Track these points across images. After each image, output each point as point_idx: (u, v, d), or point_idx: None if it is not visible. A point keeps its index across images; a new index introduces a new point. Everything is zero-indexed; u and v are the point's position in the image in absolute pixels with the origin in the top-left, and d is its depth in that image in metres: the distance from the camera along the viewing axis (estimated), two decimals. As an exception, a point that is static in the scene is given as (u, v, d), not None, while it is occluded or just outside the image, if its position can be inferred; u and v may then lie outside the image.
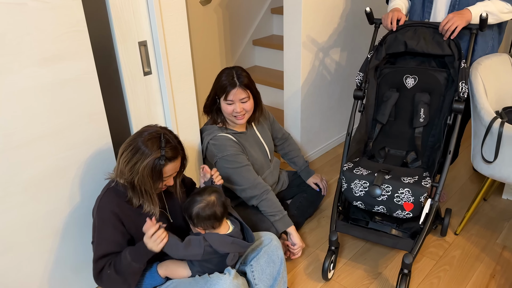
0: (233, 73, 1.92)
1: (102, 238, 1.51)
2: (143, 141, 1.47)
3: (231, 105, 1.92)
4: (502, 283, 1.92)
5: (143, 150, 1.46)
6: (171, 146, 1.50)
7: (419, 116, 2.01)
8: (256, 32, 3.62)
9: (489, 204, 2.46)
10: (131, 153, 1.47)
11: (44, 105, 1.53)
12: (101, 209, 1.52)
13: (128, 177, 1.48)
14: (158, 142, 1.48)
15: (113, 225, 1.51)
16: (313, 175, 2.38)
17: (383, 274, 1.99)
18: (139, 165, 1.45)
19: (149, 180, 1.48)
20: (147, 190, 1.51)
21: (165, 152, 1.47)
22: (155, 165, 1.46)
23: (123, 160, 1.48)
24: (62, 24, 1.49)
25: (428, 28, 1.97)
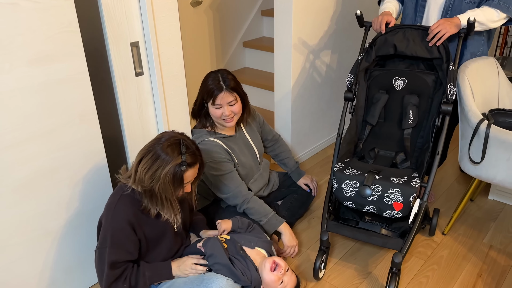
0: (218, 77, 1.92)
1: (117, 246, 1.49)
2: (162, 147, 1.45)
3: (219, 109, 1.93)
4: (488, 281, 1.95)
5: (163, 157, 1.44)
6: (191, 152, 1.49)
7: (408, 117, 2.04)
8: (246, 34, 3.63)
9: (476, 205, 2.50)
10: (151, 160, 1.45)
11: (35, 106, 1.52)
12: (116, 217, 1.50)
13: (148, 185, 1.46)
14: (178, 148, 1.47)
15: (127, 235, 1.51)
16: (303, 176, 2.40)
17: (373, 273, 2.02)
18: (160, 172, 1.44)
19: (171, 187, 1.47)
20: (167, 198, 1.50)
21: (185, 158, 1.46)
22: (176, 171, 1.45)
23: (143, 168, 1.46)
24: (54, 25, 1.49)
25: (417, 30, 2.01)
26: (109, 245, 1.49)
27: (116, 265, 1.51)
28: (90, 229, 1.85)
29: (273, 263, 1.62)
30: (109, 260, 1.49)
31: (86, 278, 1.91)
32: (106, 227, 1.51)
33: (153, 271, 1.54)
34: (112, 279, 1.50)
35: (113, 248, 1.49)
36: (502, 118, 2.04)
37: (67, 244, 1.78)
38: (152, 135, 1.95)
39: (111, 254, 1.49)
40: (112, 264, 1.50)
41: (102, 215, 1.56)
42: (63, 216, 1.73)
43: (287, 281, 1.64)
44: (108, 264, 1.49)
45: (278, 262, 1.63)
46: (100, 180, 1.81)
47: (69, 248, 1.79)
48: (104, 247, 1.51)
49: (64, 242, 1.77)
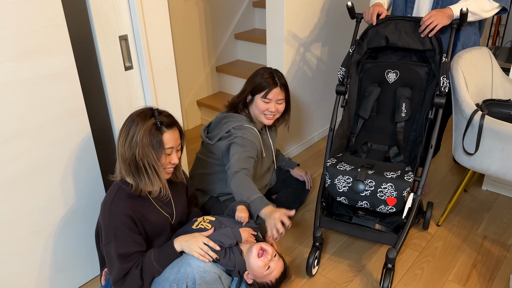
0: (273, 73, 2.00)
1: (121, 239, 1.48)
2: (133, 118, 1.47)
3: (267, 103, 1.98)
4: (483, 272, 1.96)
5: (136, 122, 1.45)
6: (165, 114, 1.50)
7: (400, 111, 2.02)
8: (238, 26, 3.59)
9: (470, 195, 2.50)
10: (126, 130, 1.46)
11: (22, 102, 1.48)
12: (113, 213, 1.48)
13: (129, 156, 1.45)
14: (150, 112, 1.48)
15: (129, 227, 1.49)
16: (298, 168, 2.39)
17: (367, 266, 2.01)
18: (136, 136, 1.43)
19: (151, 150, 1.45)
20: (150, 164, 1.47)
21: (160, 119, 1.46)
22: (152, 132, 1.44)
23: (121, 142, 1.47)
24: (40, 18, 1.45)
25: (409, 22, 1.98)
26: (113, 239, 1.47)
27: (127, 258, 1.48)
28: (81, 226, 1.82)
29: (260, 249, 1.60)
30: (117, 253, 1.46)
31: (78, 276, 1.89)
32: (107, 223, 1.48)
33: (159, 253, 1.52)
34: (124, 272, 1.48)
35: (118, 241, 1.47)
36: (495, 109, 2.03)
37: (59, 242, 1.76)
38: (143, 130, 1.92)
39: (118, 247, 1.47)
40: (121, 257, 1.47)
41: (100, 215, 1.53)
42: (54, 213, 1.70)
43: (274, 267, 1.62)
44: (117, 257, 1.46)
45: (265, 248, 1.61)
46: (91, 176, 1.78)
47: (60, 246, 1.77)
48: (109, 242, 1.48)
49: (56, 240, 1.74)
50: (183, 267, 1.50)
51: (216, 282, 1.53)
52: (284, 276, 1.68)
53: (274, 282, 1.63)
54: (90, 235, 1.86)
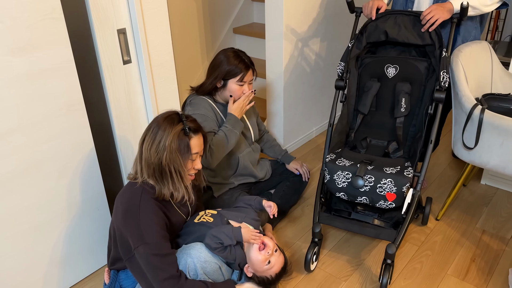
0: (241, 56, 2.00)
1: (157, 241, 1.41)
2: (159, 122, 1.44)
3: (241, 86, 2.00)
4: (482, 266, 1.96)
5: (164, 127, 1.42)
6: (191, 120, 1.48)
7: (400, 106, 2.01)
8: (236, 20, 3.57)
9: (469, 190, 2.50)
10: (152, 134, 1.43)
11: (20, 96, 1.47)
12: (145, 213, 1.43)
13: (155, 160, 1.42)
14: (177, 117, 1.46)
15: (162, 227, 1.46)
16: (293, 161, 2.39)
17: (366, 261, 2.01)
18: (164, 141, 1.41)
19: (178, 156, 1.43)
20: (176, 169, 1.44)
21: (188, 124, 1.44)
22: (181, 137, 1.42)
23: (147, 147, 1.43)
24: (37, 11, 1.43)
25: (408, 16, 1.97)
26: (147, 240, 1.40)
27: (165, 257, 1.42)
28: (80, 222, 1.81)
29: (261, 242, 1.60)
30: (154, 253, 1.39)
31: (77, 271, 1.89)
32: (138, 225, 1.40)
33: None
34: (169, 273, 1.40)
35: (153, 243, 1.40)
36: (495, 103, 2.03)
37: (57, 238, 1.75)
38: (141, 125, 1.91)
39: (155, 247, 1.40)
40: (161, 257, 1.40)
41: (126, 219, 1.44)
42: (52, 209, 1.69)
43: (274, 261, 1.62)
44: (156, 256, 1.39)
45: (267, 242, 1.61)
46: (90, 171, 1.77)
47: (59, 241, 1.76)
48: (142, 243, 1.40)
49: (54, 235, 1.74)
50: (183, 258, 1.50)
51: (217, 273, 1.53)
52: (284, 271, 1.68)
53: (273, 277, 1.63)
54: (88, 230, 1.86)
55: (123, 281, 1.60)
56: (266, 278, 1.62)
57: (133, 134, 1.90)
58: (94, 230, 1.88)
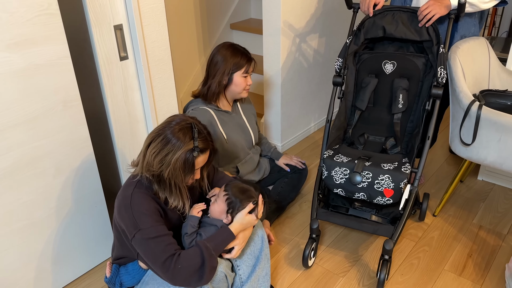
0: (240, 49, 1.99)
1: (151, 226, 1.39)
2: (173, 131, 1.38)
3: (245, 78, 1.99)
4: (478, 261, 1.97)
5: (174, 142, 1.37)
6: (203, 137, 1.43)
7: (398, 102, 2.01)
8: (233, 16, 3.56)
9: (466, 185, 2.51)
10: (161, 144, 1.38)
11: (16, 92, 1.46)
12: (136, 202, 1.40)
13: (156, 170, 1.39)
14: (190, 132, 1.40)
15: (155, 213, 1.43)
16: (282, 156, 2.38)
17: (364, 257, 2.02)
18: (171, 157, 1.37)
19: (181, 173, 1.40)
20: (177, 184, 1.43)
21: (198, 143, 1.40)
22: (188, 157, 1.39)
23: (152, 152, 1.39)
24: (33, 7, 1.42)
25: (406, 12, 1.96)
26: (141, 226, 1.38)
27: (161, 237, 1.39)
28: (77, 218, 1.81)
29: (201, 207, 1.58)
30: (150, 237, 1.37)
31: (75, 268, 1.88)
32: (130, 214, 1.39)
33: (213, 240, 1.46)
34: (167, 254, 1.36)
35: (148, 227, 1.38)
36: (492, 99, 2.03)
37: (55, 234, 1.75)
38: (138, 121, 1.90)
39: (150, 232, 1.38)
40: (155, 239, 1.38)
41: (120, 211, 1.43)
42: (49, 205, 1.69)
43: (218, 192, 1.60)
44: (152, 239, 1.37)
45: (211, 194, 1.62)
46: (86, 168, 1.77)
47: (56, 238, 1.76)
48: (138, 231, 1.38)
49: (51, 232, 1.73)
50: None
51: (222, 281, 1.52)
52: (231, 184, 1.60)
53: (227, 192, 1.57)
54: (86, 227, 1.85)
55: (122, 276, 1.60)
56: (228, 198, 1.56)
57: (130, 130, 1.89)
58: (91, 227, 1.88)
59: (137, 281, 1.59)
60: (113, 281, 1.59)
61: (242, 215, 1.54)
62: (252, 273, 1.65)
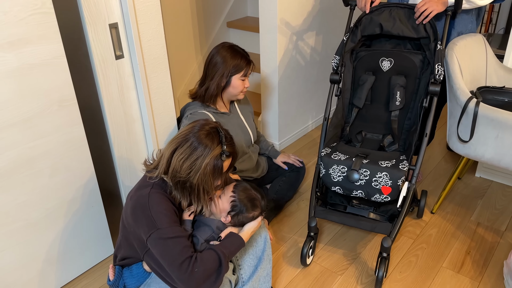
0: (241, 51, 1.98)
1: (170, 226, 1.37)
2: (200, 136, 1.38)
3: (243, 81, 1.99)
4: (477, 258, 1.97)
5: (203, 147, 1.37)
6: (229, 141, 1.43)
7: (395, 99, 2.01)
8: (230, 14, 3.55)
9: (463, 182, 2.51)
10: (189, 150, 1.37)
11: (11, 92, 1.45)
12: (154, 202, 1.39)
13: (184, 176, 1.38)
14: (217, 137, 1.40)
15: (172, 213, 1.42)
16: (280, 155, 2.38)
17: (362, 255, 2.02)
18: (201, 163, 1.36)
19: (210, 178, 1.40)
20: (205, 190, 1.41)
21: (225, 147, 1.40)
22: (217, 162, 1.38)
23: (179, 158, 1.37)
24: (27, 6, 1.41)
25: (403, 9, 1.96)
26: (160, 226, 1.36)
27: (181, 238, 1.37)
28: (74, 219, 1.80)
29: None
30: (169, 236, 1.35)
31: (72, 269, 1.87)
32: (149, 213, 1.37)
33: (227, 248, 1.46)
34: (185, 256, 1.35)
35: (166, 227, 1.36)
36: (490, 96, 2.03)
37: (51, 235, 1.74)
38: (135, 120, 1.89)
39: (169, 231, 1.36)
40: (175, 240, 1.36)
41: (135, 210, 1.41)
42: (45, 206, 1.68)
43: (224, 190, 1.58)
44: (171, 239, 1.35)
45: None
46: (83, 168, 1.76)
47: (53, 239, 1.75)
48: (155, 229, 1.36)
49: (48, 233, 1.72)
50: None
51: (226, 286, 1.52)
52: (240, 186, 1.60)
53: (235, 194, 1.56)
54: (83, 227, 1.84)
55: (126, 279, 1.59)
56: (233, 202, 1.55)
57: (127, 130, 1.88)
58: (88, 227, 1.87)
59: (140, 284, 1.58)
60: (117, 284, 1.58)
61: (253, 226, 1.56)
62: (254, 274, 1.64)
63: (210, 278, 1.39)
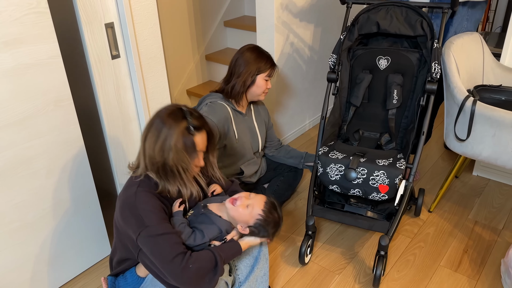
0: (265, 52, 2.03)
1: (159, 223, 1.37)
2: (163, 117, 1.38)
3: (267, 81, 2.03)
4: (474, 257, 1.97)
5: (168, 125, 1.36)
6: (195, 116, 1.42)
7: (392, 97, 2.01)
8: (227, 13, 3.54)
9: (461, 181, 2.51)
10: (156, 131, 1.37)
11: (6, 92, 1.44)
12: (141, 200, 1.38)
13: (160, 159, 1.38)
14: (180, 113, 1.40)
15: (161, 211, 1.41)
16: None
17: (360, 254, 2.02)
18: (170, 141, 1.36)
19: (185, 154, 1.39)
20: (185, 169, 1.41)
21: (191, 121, 1.39)
22: (186, 137, 1.37)
23: (150, 144, 1.38)
24: (22, 5, 1.40)
25: (400, 7, 1.96)
26: (148, 224, 1.35)
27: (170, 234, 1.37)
28: (71, 219, 1.79)
29: (232, 199, 1.55)
30: (158, 233, 1.35)
31: (68, 270, 1.87)
32: (136, 212, 1.37)
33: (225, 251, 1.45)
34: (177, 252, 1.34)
35: (155, 225, 1.36)
36: (486, 94, 2.03)
37: (48, 236, 1.73)
38: (131, 120, 1.89)
39: (157, 228, 1.36)
40: (164, 236, 1.35)
41: (123, 210, 1.41)
42: (41, 206, 1.67)
43: (253, 202, 1.56)
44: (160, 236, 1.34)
45: (235, 196, 1.56)
46: (79, 168, 1.75)
47: (50, 239, 1.74)
48: (143, 228, 1.35)
49: (44, 233, 1.71)
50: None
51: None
52: (270, 205, 1.59)
53: (263, 214, 1.56)
54: (79, 228, 1.84)
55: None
56: (259, 220, 1.55)
57: (123, 130, 1.87)
58: (85, 228, 1.86)
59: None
60: None
61: (254, 242, 1.56)
62: (250, 274, 1.63)
63: (204, 278, 1.38)
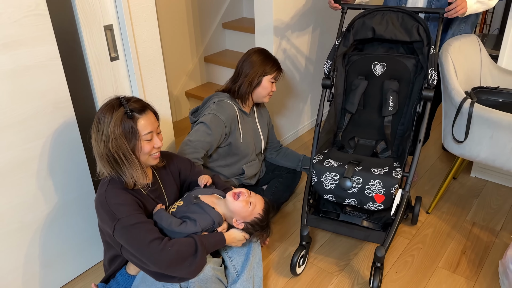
0: (271, 56, 2.07)
1: (130, 214, 1.39)
2: (102, 111, 1.42)
3: (272, 83, 2.06)
4: (472, 258, 1.98)
5: (105, 116, 1.40)
6: (134, 100, 1.44)
7: (388, 104, 1.97)
8: (225, 15, 3.55)
9: (459, 182, 2.52)
10: (96, 126, 1.42)
11: (5, 94, 1.44)
12: (111, 196, 1.42)
13: (104, 151, 1.40)
14: (117, 101, 1.42)
15: (132, 203, 1.43)
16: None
17: (358, 255, 2.02)
18: (107, 129, 1.38)
19: (124, 140, 1.40)
20: (125, 155, 1.42)
21: (129, 106, 1.41)
22: (125, 123, 1.39)
23: (94, 140, 1.42)
24: (21, 7, 1.40)
25: (396, 13, 1.90)
26: (119, 216, 1.39)
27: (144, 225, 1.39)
28: (69, 221, 1.79)
29: (234, 193, 1.59)
30: (131, 223, 1.37)
31: (67, 271, 1.87)
32: (107, 209, 1.40)
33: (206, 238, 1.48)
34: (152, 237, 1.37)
35: (126, 216, 1.39)
36: (484, 96, 2.04)
37: (46, 237, 1.73)
38: (130, 122, 1.88)
39: (130, 219, 1.38)
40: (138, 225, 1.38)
41: (99, 212, 1.45)
42: (40, 208, 1.67)
43: (255, 201, 1.61)
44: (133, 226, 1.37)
45: (238, 190, 1.60)
46: (78, 170, 1.75)
47: (48, 241, 1.74)
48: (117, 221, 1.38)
49: (43, 235, 1.71)
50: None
51: (210, 281, 1.51)
52: (268, 206, 1.65)
53: (262, 214, 1.61)
54: (78, 229, 1.84)
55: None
56: (257, 219, 1.60)
57: (122, 132, 1.87)
58: (83, 229, 1.86)
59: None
60: None
61: (240, 236, 1.59)
62: (247, 261, 1.64)
63: (185, 261, 1.41)
